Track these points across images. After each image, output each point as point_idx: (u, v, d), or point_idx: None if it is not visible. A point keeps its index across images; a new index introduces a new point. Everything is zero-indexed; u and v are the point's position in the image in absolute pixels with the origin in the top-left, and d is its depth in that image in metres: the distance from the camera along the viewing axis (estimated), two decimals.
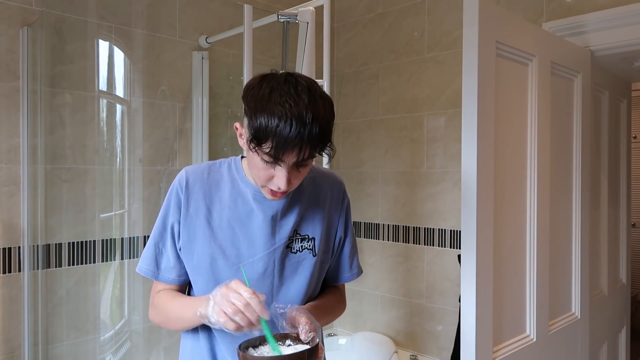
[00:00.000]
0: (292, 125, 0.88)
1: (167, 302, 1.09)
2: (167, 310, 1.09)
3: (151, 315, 1.14)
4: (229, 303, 0.89)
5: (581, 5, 2.08)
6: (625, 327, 2.55)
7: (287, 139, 0.88)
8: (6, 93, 1.93)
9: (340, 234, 1.18)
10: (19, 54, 1.95)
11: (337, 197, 1.18)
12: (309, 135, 0.89)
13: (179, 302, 1.07)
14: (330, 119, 0.94)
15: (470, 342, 1.43)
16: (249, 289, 0.90)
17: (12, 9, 1.94)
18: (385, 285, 2.87)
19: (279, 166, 0.94)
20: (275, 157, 0.91)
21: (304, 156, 0.92)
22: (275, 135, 0.88)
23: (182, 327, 1.10)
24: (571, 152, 1.94)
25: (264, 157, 0.93)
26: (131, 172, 2.25)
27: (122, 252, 2.22)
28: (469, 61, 1.44)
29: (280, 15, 1.98)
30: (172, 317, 1.09)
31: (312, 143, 0.91)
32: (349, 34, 3.07)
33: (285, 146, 0.89)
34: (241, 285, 0.90)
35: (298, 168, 0.96)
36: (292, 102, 0.89)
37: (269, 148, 0.90)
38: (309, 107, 0.89)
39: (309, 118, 0.89)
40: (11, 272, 1.94)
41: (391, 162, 2.83)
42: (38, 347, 1.99)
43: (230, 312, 0.88)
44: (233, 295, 0.89)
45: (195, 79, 2.44)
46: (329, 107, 0.94)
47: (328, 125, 0.93)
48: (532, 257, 1.67)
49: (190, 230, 1.07)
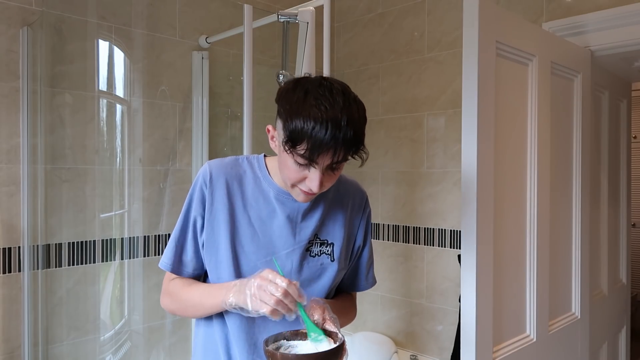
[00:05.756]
0: (327, 128, 0.89)
1: (184, 289, 1.09)
2: (185, 298, 1.09)
3: (165, 302, 1.14)
4: (268, 294, 0.90)
5: (581, 5, 2.08)
6: (625, 327, 2.55)
7: (322, 141, 0.90)
8: (6, 93, 1.93)
9: (360, 242, 1.20)
10: (19, 54, 1.95)
11: (359, 205, 1.19)
12: (344, 137, 0.91)
13: (198, 289, 1.07)
14: (363, 122, 0.96)
15: (470, 342, 1.43)
16: (284, 278, 0.91)
17: (12, 9, 1.94)
18: (385, 285, 2.87)
19: (313, 168, 0.96)
20: (310, 159, 0.93)
21: (338, 158, 0.94)
22: (310, 137, 0.90)
23: (200, 315, 1.10)
24: (571, 152, 1.94)
25: (298, 160, 0.94)
26: (131, 172, 2.25)
27: (122, 252, 2.22)
28: (469, 61, 1.44)
29: (280, 15, 1.98)
30: (190, 304, 1.09)
31: (347, 145, 0.93)
32: (349, 34, 3.07)
33: (321, 148, 0.91)
34: (276, 275, 0.92)
35: (332, 170, 0.98)
36: (328, 104, 0.91)
37: (304, 150, 0.91)
38: (343, 110, 0.91)
39: (344, 121, 0.90)
40: (11, 272, 1.94)
41: (391, 162, 2.83)
42: (38, 347, 1.99)
43: (272, 303, 0.90)
44: (270, 285, 0.91)
45: (195, 79, 2.44)
46: (362, 110, 0.96)
47: (361, 129, 0.95)
48: (532, 257, 1.67)
49: (215, 225, 1.08)
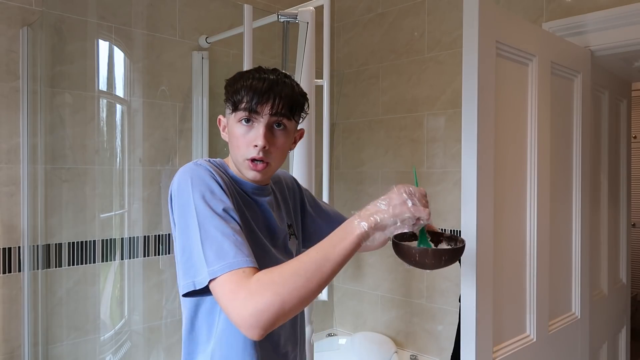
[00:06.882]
0: (264, 81, 0.99)
1: (293, 264, 0.87)
2: (298, 268, 0.86)
3: (266, 297, 0.83)
4: (423, 199, 0.90)
5: (581, 5, 2.08)
6: (625, 327, 2.55)
7: (261, 89, 0.98)
8: (6, 93, 1.93)
9: (310, 208, 1.26)
10: (19, 54, 1.95)
11: (291, 186, 1.26)
12: (281, 87, 0.99)
13: (309, 252, 0.89)
14: (297, 85, 1.05)
15: (470, 342, 1.43)
16: (413, 186, 0.92)
17: (12, 9, 1.94)
18: (385, 285, 2.86)
19: (256, 122, 1.00)
20: (251, 109, 0.98)
21: (279, 109, 0.99)
22: (250, 88, 0.98)
23: (328, 275, 0.87)
24: (571, 152, 1.94)
25: (241, 116, 1.00)
26: (131, 172, 2.25)
27: (122, 252, 2.22)
28: (469, 61, 1.44)
29: (280, 15, 1.98)
30: (310, 268, 0.86)
31: (285, 96, 0.99)
32: (349, 34, 3.07)
33: (260, 97, 0.98)
34: (409, 184, 0.92)
35: (274, 127, 1.02)
36: (262, 73, 1.02)
37: (245, 103, 0.98)
38: (278, 75, 1.03)
39: (279, 77, 1.02)
40: (11, 272, 1.94)
41: (391, 162, 2.83)
42: (38, 347, 1.99)
43: (424, 202, 0.90)
44: (417, 192, 0.90)
45: (195, 79, 2.44)
46: (296, 82, 1.06)
47: (298, 87, 1.04)
48: (532, 257, 1.67)
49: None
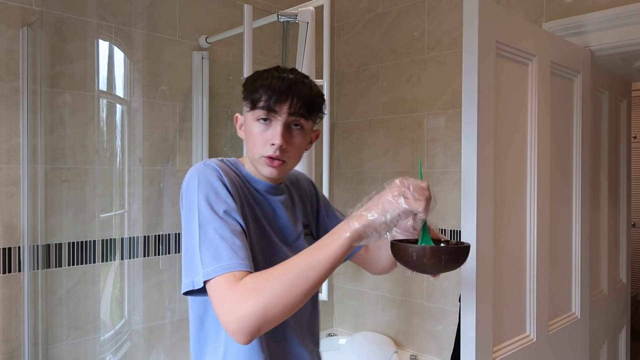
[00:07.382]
0: (282, 80, 1.00)
1: (276, 268, 0.86)
2: (285, 273, 0.85)
3: (250, 303, 0.83)
4: (422, 190, 0.88)
5: (581, 5, 2.08)
6: (625, 327, 2.55)
7: (279, 89, 0.99)
8: (6, 93, 1.93)
9: (323, 211, 1.25)
10: (19, 54, 1.95)
11: (308, 188, 1.25)
12: (300, 87, 1.01)
13: (299, 255, 0.87)
14: (316, 86, 1.06)
15: (470, 342, 1.43)
16: (411, 179, 0.90)
17: (12, 9, 1.94)
18: (385, 285, 2.86)
19: (274, 120, 1.00)
20: (270, 108, 0.99)
21: (297, 108, 1.00)
22: (268, 87, 0.99)
23: (316, 281, 0.85)
24: (571, 152, 1.94)
25: (259, 115, 1.00)
26: (131, 172, 2.25)
27: (122, 252, 2.22)
28: (469, 61, 1.44)
29: (280, 15, 1.98)
30: (299, 273, 0.84)
31: (303, 96, 1.00)
32: (349, 34, 3.07)
33: (279, 96, 0.99)
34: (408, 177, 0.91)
35: (292, 126, 1.02)
36: (282, 73, 1.04)
37: (263, 102, 0.99)
38: (297, 75, 1.04)
39: (297, 75, 1.03)
40: (11, 272, 1.94)
41: (391, 162, 2.83)
42: (38, 347, 1.99)
43: (426, 194, 0.88)
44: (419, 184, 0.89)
45: (195, 79, 2.44)
46: (314, 83, 1.07)
47: (317, 87, 1.05)
48: (532, 257, 1.67)
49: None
